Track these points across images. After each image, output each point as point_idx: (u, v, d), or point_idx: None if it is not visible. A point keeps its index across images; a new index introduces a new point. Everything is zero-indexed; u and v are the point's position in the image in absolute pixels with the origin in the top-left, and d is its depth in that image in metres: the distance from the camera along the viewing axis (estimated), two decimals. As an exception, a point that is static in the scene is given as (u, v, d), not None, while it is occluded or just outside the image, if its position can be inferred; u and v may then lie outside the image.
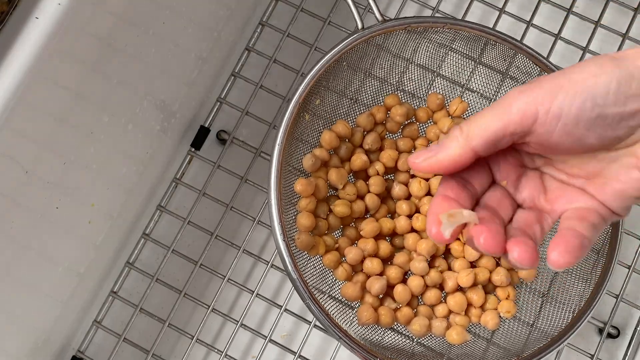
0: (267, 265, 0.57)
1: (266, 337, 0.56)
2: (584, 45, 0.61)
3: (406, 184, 0.53)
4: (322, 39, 0.61)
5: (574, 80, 0.32)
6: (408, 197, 0.53)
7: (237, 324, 0.56)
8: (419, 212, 0.53)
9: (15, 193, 0.43)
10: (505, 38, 0.53)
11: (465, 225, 0.33)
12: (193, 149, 0.61)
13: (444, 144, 0.34)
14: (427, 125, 0.56)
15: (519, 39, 0.53)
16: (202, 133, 0.61)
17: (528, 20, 0.62)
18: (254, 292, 0.57)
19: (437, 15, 0.62)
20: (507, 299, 0.52)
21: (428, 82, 0.56)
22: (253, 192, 0.60)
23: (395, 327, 0.52)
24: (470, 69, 0.56)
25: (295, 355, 0.56)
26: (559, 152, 0.34)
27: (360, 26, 0.51)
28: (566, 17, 0.62)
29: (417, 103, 0.56)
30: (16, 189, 0.43)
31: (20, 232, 0.45)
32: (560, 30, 0.62)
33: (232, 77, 0.62)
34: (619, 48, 0.61)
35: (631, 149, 0.33)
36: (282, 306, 0.57)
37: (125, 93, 0.51)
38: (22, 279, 0.49)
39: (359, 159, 0.52)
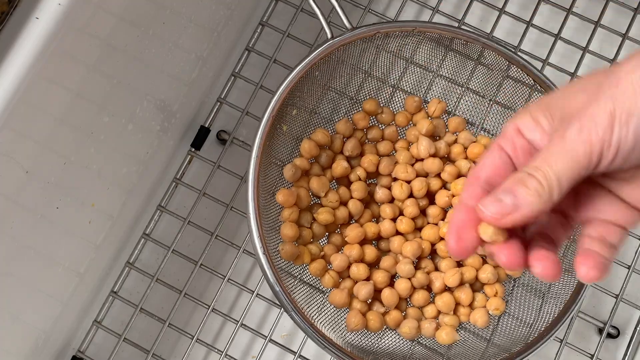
0: (267, 265, 0.57)
1: (266, 337, 0.56)
2: (584, 46, 0.61)
3: (388, 188, 0.53)
4: (322, 39, 0.61)
5: (622, 103, 0.30)
6: (391, 200, 0.53)
7: (237, 324, 0.56)
8: (402, 215, 0.53)
9: (15, 193, 0.43)
10: (476, 37, 0.53)
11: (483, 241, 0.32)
12: (193, 149, 0.61)
13: (524, 198, 0.31)
14: (406, 128, 0.56)
15: (494, 37, 0.53)
16: (202, 133, 0.61)
17: (528, 20, 0.62)
18: (254, 292, 0.57)
19: (436, 14, 0.62)
20: (495, 296, 0.52)
21: (428, 82, 0.56)
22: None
23: (391, 329, 0.53)
24: (470, 69, 0.56)
25: (295, 355, 0.56)
26: (609, 172, 0.33)
27: (329, 35, 0.51)
28: (566, 17, 0.62)
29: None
30: (16, 189, 0.43)
31: (20, 232, 0.45)
32: (560, 31, 0.62)
33: (232, 77, 0.62)
34: (619, 48, 0.61)
35: None
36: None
37: (125, 93, 0.51)
38: (22, 279, 0.49)
39: (339, 166, 0.53)
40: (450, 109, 0.56)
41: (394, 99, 0.57)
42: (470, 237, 0.32)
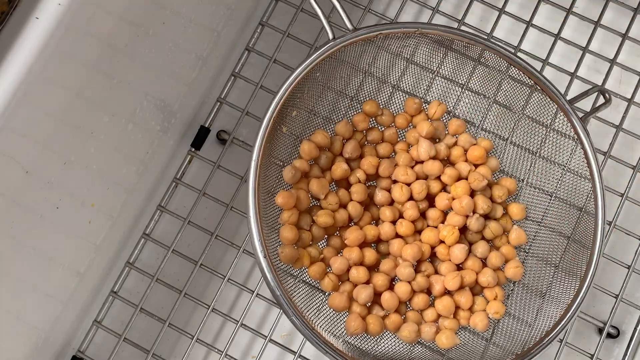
0: (267, 265, 0.57)
1: (266, 337, 0.56)
2: (584, 46, 0.61)
3: (388, 190, 0.53)
4: (322, 39, 0.61)
5: None
6: (391, 202, 0.53)
7: (237, 324, 0.56)
8: (402, 218, 0.53)
9: (15, 193, 0.43)
10: (473, 38, 0.53)
11: None
12: (193, 149, 0.61)
13: None
14: (406, 130, 0.56)
15: (495, 37, 0.53)
16: (202, 133, 0.61)
17: (528, 20, 0.62)
18: (254, 292, 0.57)
19: (436, 14, 0.62)
20: (495, 299, 0.52)
21: (427, 82, 0.56)
22: (253, 192, 0.60)
23: (390, 333, 0.53)
24: (470, 69, 0.56)
25: (295, 355, 0.56)
26: None
27: (331, 36, 0.51)
28: (566, 17, 0.62)
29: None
30: (16, 189, 0.43)
31: (20, 232, 0.45)
32: (560, 31, 0.62)
33: (232, 77, 0.62)
34: (619, 48, 0.61)
35: None
36: (282, 306, 0.57)
37: (125, 93, 0.51)
38: (22, 279, 0.49)
39: (339, 168, 0.52)
40: (450, 109, 0.56)
41: (393, 99, 0.57)
42: None
